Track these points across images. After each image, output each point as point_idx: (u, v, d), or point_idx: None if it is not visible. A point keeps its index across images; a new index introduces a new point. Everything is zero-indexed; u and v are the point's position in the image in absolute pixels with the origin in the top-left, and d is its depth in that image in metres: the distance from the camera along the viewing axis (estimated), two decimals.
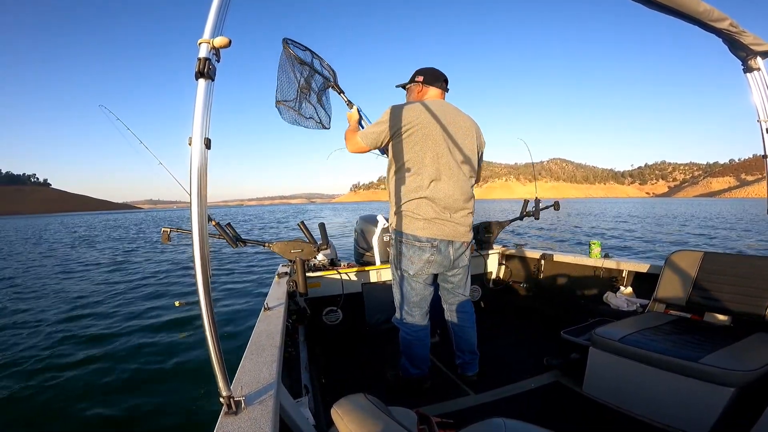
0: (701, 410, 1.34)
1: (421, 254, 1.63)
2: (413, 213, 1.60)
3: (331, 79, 2.01)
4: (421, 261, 1.63)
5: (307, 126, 1.95)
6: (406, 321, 1.75)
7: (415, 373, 1.78)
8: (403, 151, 1.60)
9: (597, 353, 1.66)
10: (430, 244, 1.61)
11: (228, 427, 0.68)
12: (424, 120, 1.59)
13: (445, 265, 1.70)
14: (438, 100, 1.73)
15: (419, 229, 1.60)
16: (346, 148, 1.76)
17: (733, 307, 1.70)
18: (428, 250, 1.62)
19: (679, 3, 1.11)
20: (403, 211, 1.63)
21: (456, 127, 1.66)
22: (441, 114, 1.63)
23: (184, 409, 2.53)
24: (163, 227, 2.07)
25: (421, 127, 1.58)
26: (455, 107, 1.72)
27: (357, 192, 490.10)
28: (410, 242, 1.63)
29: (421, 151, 1.58)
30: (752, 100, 1.41)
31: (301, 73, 1.87)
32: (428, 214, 1.59)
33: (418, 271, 1.65)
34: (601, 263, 2.42)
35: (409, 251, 1.64)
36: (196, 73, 0.67)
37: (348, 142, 1.75)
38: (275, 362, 0.95)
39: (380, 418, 0.69)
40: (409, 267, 1.65)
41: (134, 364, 3.25)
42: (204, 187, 0.67)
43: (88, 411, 2.55)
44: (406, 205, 1.62)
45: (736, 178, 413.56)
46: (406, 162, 1.60)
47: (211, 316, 0.67)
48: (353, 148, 1.72)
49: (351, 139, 1.73)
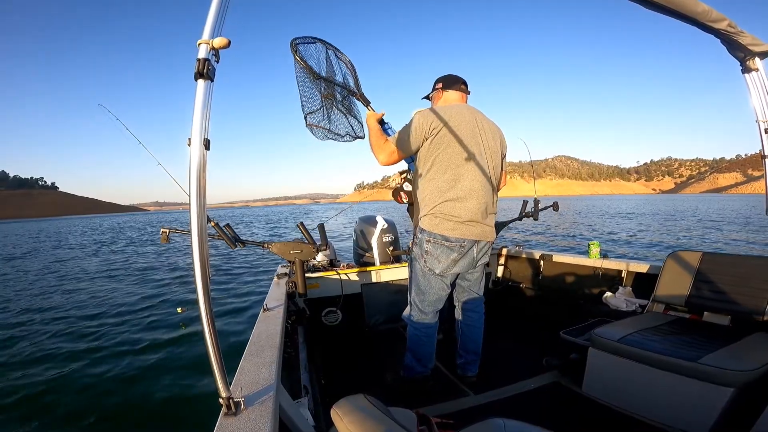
0: (701, 410, 1.34)
1: (449, 254, 1.64)
2: (444, 214, 1.61)
3: (353, 84, 1.90)
4: (448, 260, 1.65)
5: (345, 141, 1.87)
6: (417, 319, 1.77)
7: (420, 371, 1.79)
8: (432, 154, 1.62)
9: (596, 353, 1.66)
10: (459, 245, 1.63)
11: (227, 428, 0.68)
12: (451, 122, 1.61)
13: (469, 264, 1.72)
14: (462, 104, 1.76)
15: (449, 229, 1.61)
16: (376, 159, 1.68)
17: (732, 307, 1.71)
18: (456, 250, 1.64)
19: (677, 4, 1.12)
20: (433, 212, 1.64)
21: (482, 129, 1.69)
22: (467, 116, 1.66)
23: (184, 410, 2.53)
24: (162, 227, 2.07)
25: (450, 130, 1.60)
26: (479, 111, 1.75)
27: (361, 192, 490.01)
28: (439, 242, 1.64)
29: (453, 153, 1.60)
30: (750, 101, 1.42)
31: (320, 84, 1.77)
32: (460, 215, 1.61)
33: (444, 270, 1.67)
34: (601, 263, 2.43)
35: (436, 250, 1.65)
36: (195, 73, 0.67)
37: (379, 152, 1.67)
38: (274, 363, 0.95)
39: (380, 419, 0.69)
40: (436, 266, 1.67)
41: (133, 364, 3.24)
42: (203, 188, 0.67)
43: (88, 411, 2.55)
44: (436, 206, 1.63)
45: (743, 174, 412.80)
46: (435, 164, 1.62)
47: (210, 317, 0.67)
48: (387, 158, 1.66)
49: (382, 148, 1.67)
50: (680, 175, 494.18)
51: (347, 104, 1.90)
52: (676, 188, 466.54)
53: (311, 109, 1.73)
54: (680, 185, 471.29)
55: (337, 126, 1.84)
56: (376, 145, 1.69)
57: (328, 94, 1.78)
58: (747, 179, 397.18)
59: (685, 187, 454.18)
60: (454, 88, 1.80)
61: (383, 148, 1.67)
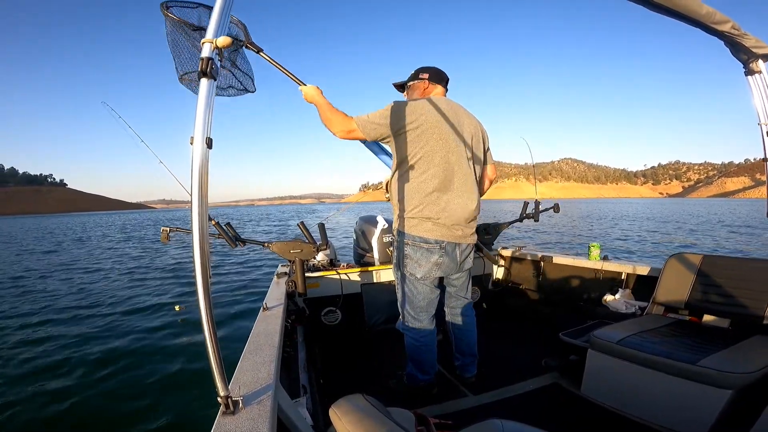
0: (699, 412, 1.34)
1: (429, 256, 1.57)
2: (422, 214, 1.54)
3: (242, 36, 1.67)
4: (429, 263, 1.58)
5: (228, 95, 1.71)
6: (412, 326, 1.69)
7: (424, 379, 1.73)
8: (410, 150, 1.52)
9: (596, 355, 1.66)
10: (438, 246, 1.56)
11: (225, 426, 0.68)
12: (433, 117, 1.52)
13: (452, 268, 1.65)
14: (446, 98, 1.68)
15: (427, 230, 1.55)
16: (331, 131, 1.55)
17: (731, 310, 1.71)
18: (437, 252, 1.57)
19: (681, 6, 1.11)
20: (410, 212, 1.56)
21: (465, 126, 1.62)
22: (451, 112, 1.58)
23: (182, 409, 2.53)
24: (162, 227, 2.07)
25: (430, 125, 1.51)
26: (462, 106, 1.68)
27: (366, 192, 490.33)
28: (418, 244, 1.57)
29: (431, 150, 1.52)
30: (753, 103, 1.42)
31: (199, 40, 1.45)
32: (437, 215, 1.54)
33: (426, 274, 1.60)
34: (601, 265, 2.42)
35: (416, 254, 1.58)
36: (198, 72, 0.67)
37: (333, 124, 1.54)
38: (273, 362, 0.95)
39: (379, 419, 0.69)
40: (417, 270, 1.59)
41: (132, 364, 3.24)
42: (205, 187, 0.67)
43: (87, 411, 2.55)
44: (414, 206, 1.55)
45: (751, 178, 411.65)
46: (414, 161, 1.53)
47: (210, 316, 0.67)
48: (344, 130, 1.53)
49: (339, 119, 1.53)
50: (688, 179, 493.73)
51: (233, 58, 1.71)
52: (683, 192, 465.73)
53: (188, 69, 1.52)
54: (688, 189, 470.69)
55: (219, 81, 1.53)
56: (332, 118, 1.54)
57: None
58: (755, 184, 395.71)
59: (692, 191, 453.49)
60: (441, 85, 1.71)
61: (342, 121, 1.53)
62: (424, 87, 1.71)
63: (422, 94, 1.71)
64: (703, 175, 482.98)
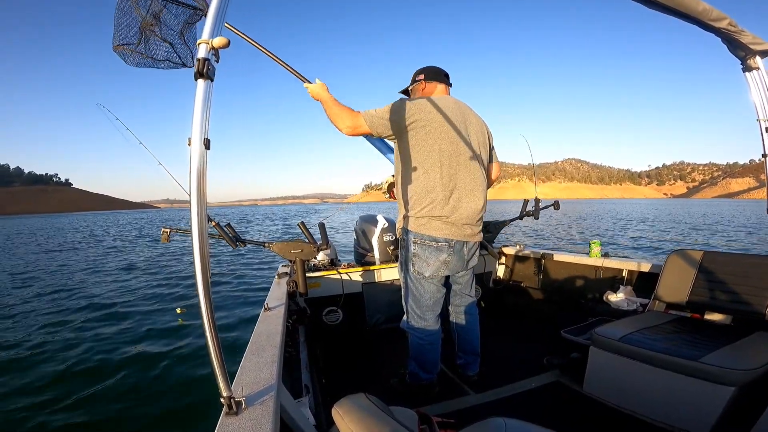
0: (702, 409, 1.34)
1: (438, 255, 1.57)
2: (431, 213, 1.54)
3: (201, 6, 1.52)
4: (438, 262, 1.58)
5: (163, 67, 1.58)
6: (418, 326, 1.68)
7: (426, 378, 1.73)
8: (418, 149, 1.53)
9: (597, 353, 1.66)
10: (447, 245, 1.56)
11: (229, 427, 0.68)
12: (436, 116, 1.52)
13: (460, 266, 1.65)
14: (448, 96, 1.68)
15: (436, 229, 1.54)
16: (338, 128, 1.53)
17: (733, 306, 1.70)
18: (446, 251, 1.57)
19: (678, 2, 1.12)
20: (419, 211, 1.56)
21: (471, 125, 1.63)
22: (458, 111, 1.59)
23: (185, 410, 2.53)
24: (162, 227, 2.07)
25: (437, 124, 1.52)
26: (465, 104, 1.68)
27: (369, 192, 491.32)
28: (426, 243, 1.56)
29: (439, 149, 1.52)
30: (751, 99, 1.42)
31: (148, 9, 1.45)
32: (448, 214, 1.54)
33: (434, 273, 1.60)
34: (602, 262, 2.42)
35: (424, 252, 1.58)
36: (195, 73, 0.67)
37: (340, 119, 1.51)
38: (275, 362, 0.95)
39: (381, 418, 0.69)
40: (425, 269, 1.59)
41: (132, 364, 3.25)
42: (204, 188, 0.67)
43: (87, 411, 2.55)
44: (423, 205, 1.55)
45: (756, 179, 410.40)
46: (419, 160, 1.53)
47: (211, 317, 0.67)
48: (352, 125, 1.51)
49: (346, 115, 1.51)
50: (693, 179, 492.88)
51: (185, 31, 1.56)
52: (688, 193, 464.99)
53: (126, 41, 1.44)
54: (692, 190, 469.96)
55: (155, 52, 1.52)
56: (340, 113, 1.52)
57: (150, 24, 1.46)
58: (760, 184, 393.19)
59: (697, 192, 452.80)
60: (438, 80, 1.71)
61: (349, 116, 1.51)
62: (422, 87, 1.73)
63: (422, 94, 1.72)
64: (707, 176, 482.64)
